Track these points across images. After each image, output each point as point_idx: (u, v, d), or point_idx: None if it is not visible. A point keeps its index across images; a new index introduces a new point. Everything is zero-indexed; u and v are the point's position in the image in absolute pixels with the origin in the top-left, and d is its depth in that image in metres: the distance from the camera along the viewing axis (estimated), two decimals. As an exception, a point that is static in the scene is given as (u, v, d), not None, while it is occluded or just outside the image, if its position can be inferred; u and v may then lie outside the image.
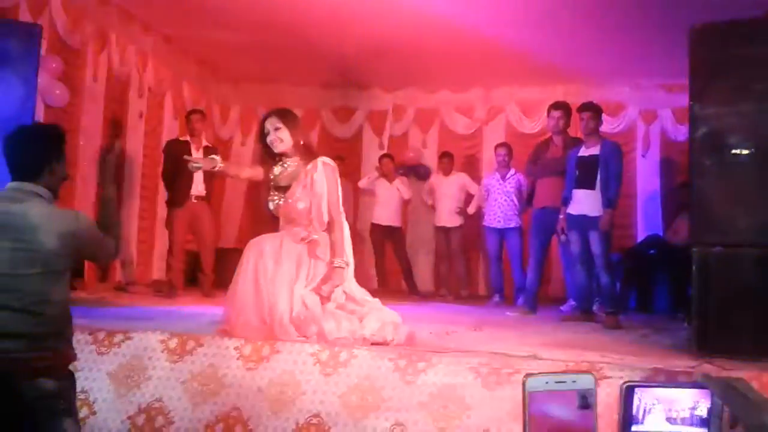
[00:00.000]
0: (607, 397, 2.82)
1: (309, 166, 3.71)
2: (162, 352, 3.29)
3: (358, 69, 8.02)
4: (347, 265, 3.70)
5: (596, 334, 4.63)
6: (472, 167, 8.33)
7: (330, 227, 3.72)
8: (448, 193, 7.60)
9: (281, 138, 3.72)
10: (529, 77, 7.93)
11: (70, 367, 2.36)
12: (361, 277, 4.09)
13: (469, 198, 7.63)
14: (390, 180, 7.71)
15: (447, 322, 4.79)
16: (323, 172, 3.70)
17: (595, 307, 5.54)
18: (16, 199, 2.26)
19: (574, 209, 5.26)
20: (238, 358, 3.23)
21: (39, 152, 2.32)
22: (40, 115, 5.39)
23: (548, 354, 3.47)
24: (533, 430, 0.75)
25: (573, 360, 3.26)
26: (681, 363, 3.27)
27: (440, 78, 8.33)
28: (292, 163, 3.77)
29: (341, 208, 3.81)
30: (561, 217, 5.37)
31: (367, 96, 8.90)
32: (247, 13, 6.35)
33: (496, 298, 6.94)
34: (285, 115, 3.82)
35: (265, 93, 8.83)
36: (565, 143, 5.79)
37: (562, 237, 5.48)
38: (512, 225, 6.88)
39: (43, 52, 5.20)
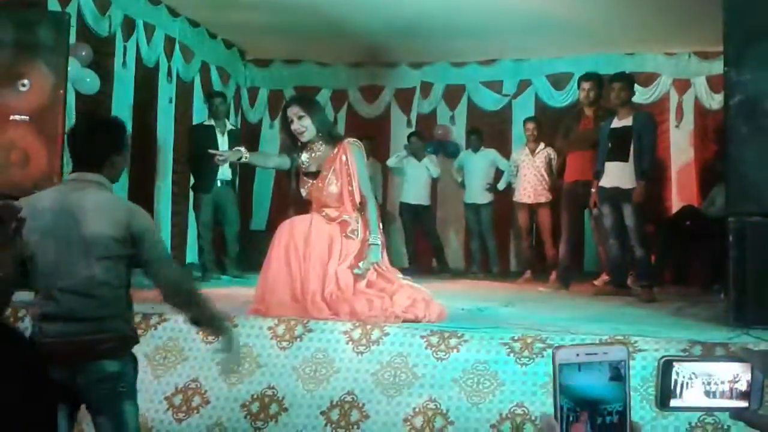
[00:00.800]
0: (642, 371, 2.80)
1: (336, 149, 3.74)
2: (197, 333, 3.34)
3: (385, 46, 7.96)
4: (382, 242, 3.73)
5: (631, 308, 4.58)
6: (501, 143, 8.23)
7: (361, 206, 3.74)
8: (477, 170, 7.54)
9: (304, 126, 3.74)
10: (558, 49, 7.79)
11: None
12: (392, 256, 4.10)
13: (499, 174, 7.57)
14: (419, 158, 7.68)
15: (479, 299, 4.78)
16: (351, 153, 3.71)
17: (629, 281, 5.47)
18: (76, 188, 2.32)
19: (607, 182, 5.18)
20: (271, 338, 3.27)
21: (101, 144, 2.37)
22: (72, 103, 5.47)
23: (582, 328, 3.45)
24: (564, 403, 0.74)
25: (607, 334, 3.23)
26: (718, 335, 3.23)
27: (468, 52, 8.22)
28: (318, 149, 3.79)
29: (371, 186, 3.82)
30: (593, 190, 5.30)
31: (394, 74, 8.84)
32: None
33: (528, 274, 6.90)
34: (306, 103, 3.85)
35: (292, 74, 8.83)
36: (597, 115, 5.69)
37: (595, 210, 5.41)
38: (543, 200, 6.81)
39: (72, 40, 5.26)
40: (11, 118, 4.68)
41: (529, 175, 6.86)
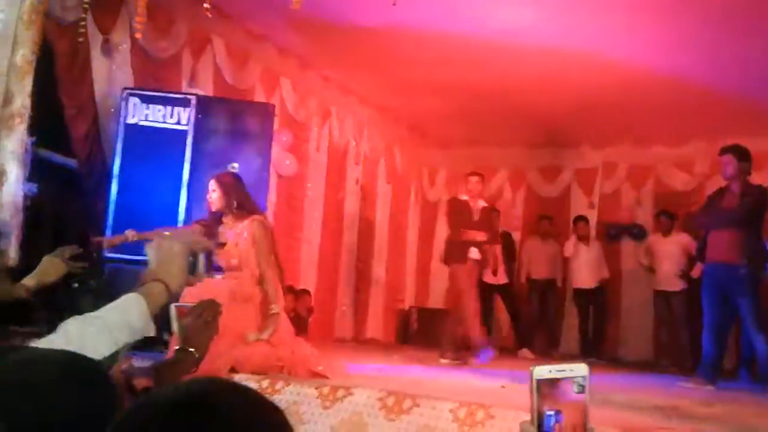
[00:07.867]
0: None
1: (240, 225, 4.02)
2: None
3: (565, 127, 7.90)
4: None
5: None
6: (693, 226, 7.70)
7: (262, 279, 3.96)
8: (668, 255, 7.09)
9: (213, 199, 4.08)
10: (757, 126, 7.24)
11: None
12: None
13: (692, 260, 7.04)
14: (587, 243, 7.47)
15: (671, 396, 4.41)
16: (252, 230, 3.98)
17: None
18: None
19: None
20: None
21: None
22: (273, 184, 5.96)
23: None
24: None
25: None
26: None
27: (654, 132, 7.91)
28: (227, 222, 4.10)
29: (274, 260, 4.05)
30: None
31: (574, 154, 8.69)
32: (454, 80, 6.58)
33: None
34: (220, 178, 4.15)
35: (471, 156, 8.98)
36: (743, 191, 5.13)
37: None
38: None
39: (274, 127, 5.80)
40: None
41: None
